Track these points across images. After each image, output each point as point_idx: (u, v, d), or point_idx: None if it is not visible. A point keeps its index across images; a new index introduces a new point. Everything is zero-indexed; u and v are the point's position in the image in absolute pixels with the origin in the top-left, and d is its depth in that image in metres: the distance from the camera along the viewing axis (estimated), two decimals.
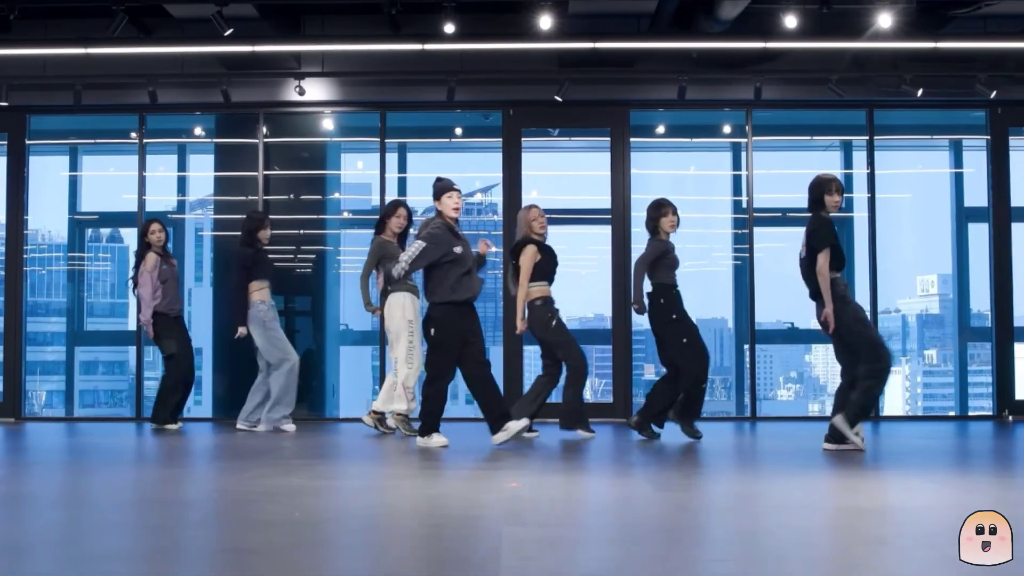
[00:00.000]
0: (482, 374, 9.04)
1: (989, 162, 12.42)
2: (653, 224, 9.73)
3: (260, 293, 10.70)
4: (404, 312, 10.04)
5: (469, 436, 9.82)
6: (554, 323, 9.81)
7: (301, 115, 12.66)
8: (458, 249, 8.87)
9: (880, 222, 12.32)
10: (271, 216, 11.26)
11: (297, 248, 12.41)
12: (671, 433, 9.72)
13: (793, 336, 13.96)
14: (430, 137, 13.67)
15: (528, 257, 9.84)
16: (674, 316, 9.58)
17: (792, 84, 12.24)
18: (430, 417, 9.02)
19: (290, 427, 10.61)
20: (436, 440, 8.97)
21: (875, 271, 12.24)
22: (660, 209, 9.74)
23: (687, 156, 13.83)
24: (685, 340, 9.55)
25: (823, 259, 8.43)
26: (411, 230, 10.48)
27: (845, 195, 12.44)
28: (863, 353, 8.41)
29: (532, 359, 12.24)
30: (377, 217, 10.60)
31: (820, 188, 8.71)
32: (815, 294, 8.56)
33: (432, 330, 8.89)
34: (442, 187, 9.01)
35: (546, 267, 9.91)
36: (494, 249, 9.94)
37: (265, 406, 10.69)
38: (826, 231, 8.54)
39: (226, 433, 10.68)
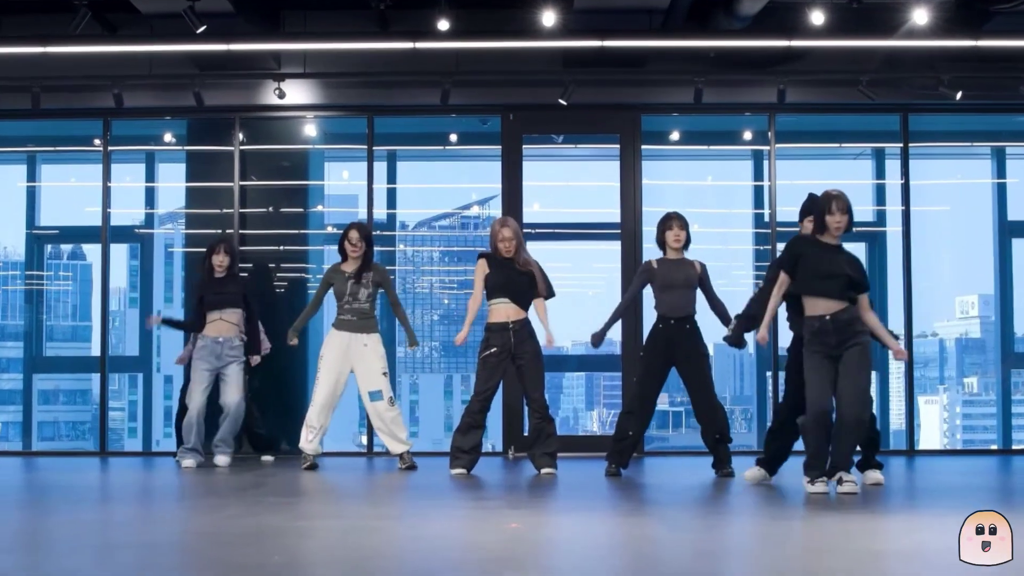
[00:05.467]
0: None
1: None
2: (661, 239, 9.69)
3: (210, 327, 10.79)
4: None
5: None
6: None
7: (281, 120, 12.72)
8: None
9: (915, 237, 12.28)
10: (247, 232, 11.27)
11: (276, 266, 12.45)
12: (689, 467, 9.77)
13: None
14: (422, 144, 13.75)
15: (478, 271, 9.92)
16: (642, 353, 9.68)
17: (819, 86, 12.30)
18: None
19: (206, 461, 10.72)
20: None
21: (910, 291, 12.21)
22: (666, 223, 9.66)
23: (704, 165, 13.90)
24: (635, 379, 9.71)
25: None
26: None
27: (876, 208, 12.46)
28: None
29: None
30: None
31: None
32: None
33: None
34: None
35: (498, 281, 9.89)
36: None
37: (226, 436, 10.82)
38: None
39: (200, 467, 10.71)
